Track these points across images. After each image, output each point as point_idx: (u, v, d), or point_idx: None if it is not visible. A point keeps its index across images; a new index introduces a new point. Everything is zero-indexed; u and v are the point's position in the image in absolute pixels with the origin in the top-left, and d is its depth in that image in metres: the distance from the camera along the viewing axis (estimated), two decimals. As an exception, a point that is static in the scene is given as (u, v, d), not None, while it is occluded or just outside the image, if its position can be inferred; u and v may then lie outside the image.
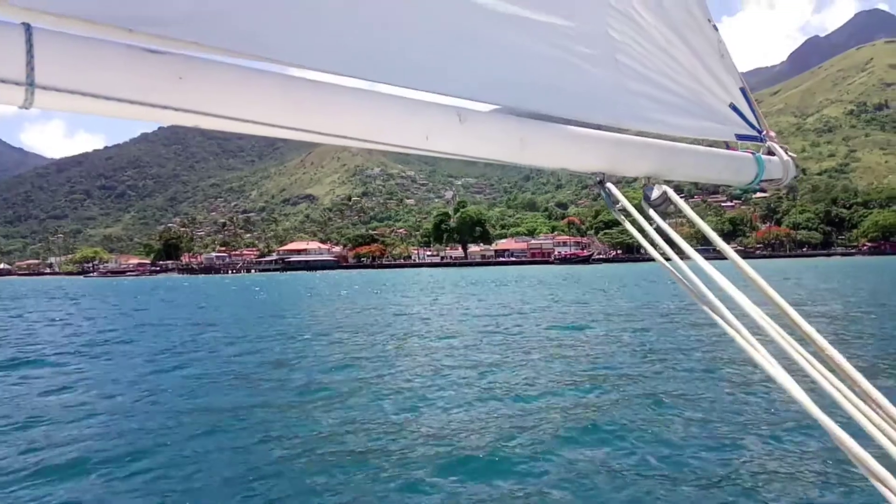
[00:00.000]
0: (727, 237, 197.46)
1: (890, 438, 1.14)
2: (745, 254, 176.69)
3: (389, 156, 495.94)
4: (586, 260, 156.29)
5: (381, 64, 1.16)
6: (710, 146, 1.85)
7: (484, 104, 1.29)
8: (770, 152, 2.03)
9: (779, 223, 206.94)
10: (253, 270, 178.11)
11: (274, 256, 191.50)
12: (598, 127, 1.52)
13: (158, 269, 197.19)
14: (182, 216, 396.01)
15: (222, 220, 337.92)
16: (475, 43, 1.30)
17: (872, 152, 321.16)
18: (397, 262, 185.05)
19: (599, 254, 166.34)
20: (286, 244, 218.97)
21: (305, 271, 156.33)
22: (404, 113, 1.16)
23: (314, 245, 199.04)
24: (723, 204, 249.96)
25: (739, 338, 1.29)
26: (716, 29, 1.89)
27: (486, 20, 1.30)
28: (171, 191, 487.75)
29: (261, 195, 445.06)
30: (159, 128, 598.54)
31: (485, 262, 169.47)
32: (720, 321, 1.32)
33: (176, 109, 0.94)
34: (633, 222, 1.54)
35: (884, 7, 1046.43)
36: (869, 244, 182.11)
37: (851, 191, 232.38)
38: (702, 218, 1.47)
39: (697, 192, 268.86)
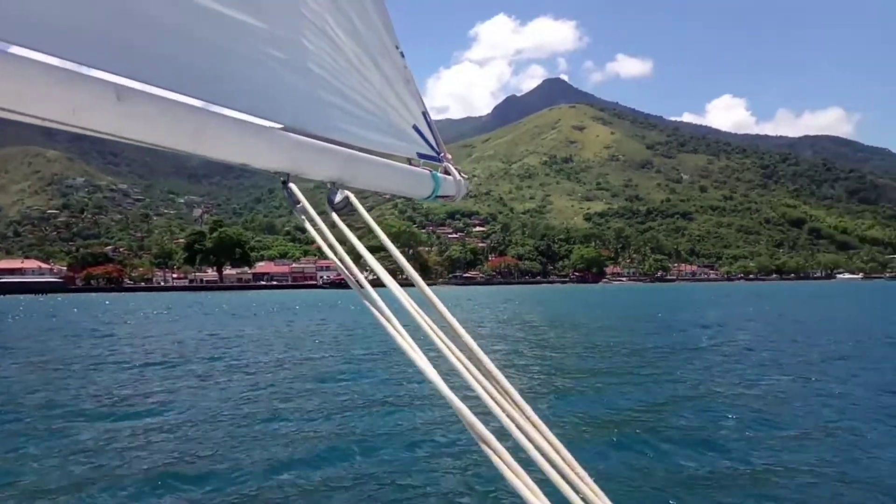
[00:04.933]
0: (469, 265, 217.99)
1: (531, 440, 1.24)
2: (487, 280, 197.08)
3: (96, 164, 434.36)
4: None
5: (18, 25, 1.01)
6: (395, 161, 1.97)
7: (155, 87, 1.21)
8: (447, 171, 2.20)
9: (503, 254, 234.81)
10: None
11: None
12: (285, 127, 1.52)
13: None
14: None
15: None
16: (148, 22, 1.21)
17: (561, 198, 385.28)
18: (138, 285, 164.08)
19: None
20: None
21: (24, 294, 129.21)
22: (48, 81, 1.02)
23: (31, 264, 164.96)
24: (450, 236, 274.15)
25: (392, 330, 1.36)
26: (402, 56, 1.99)
27: (166, 2, 1.25)
28: None
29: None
30: None
31: (244, 286, 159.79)
32: (384, 321, 1.38)
33: None
34: (313, 224, 1.55)
35: (564, 78, 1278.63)
36: (577, 273, 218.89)
37: (552, 228, 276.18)
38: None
39: (428, 222, 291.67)
